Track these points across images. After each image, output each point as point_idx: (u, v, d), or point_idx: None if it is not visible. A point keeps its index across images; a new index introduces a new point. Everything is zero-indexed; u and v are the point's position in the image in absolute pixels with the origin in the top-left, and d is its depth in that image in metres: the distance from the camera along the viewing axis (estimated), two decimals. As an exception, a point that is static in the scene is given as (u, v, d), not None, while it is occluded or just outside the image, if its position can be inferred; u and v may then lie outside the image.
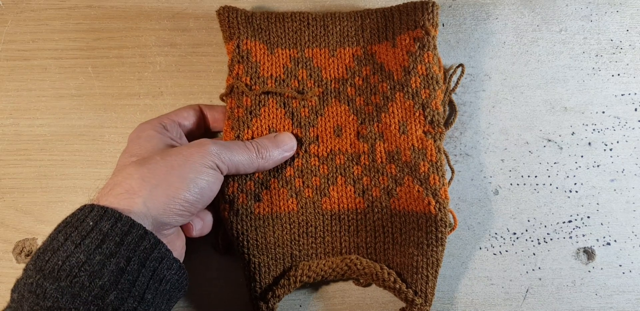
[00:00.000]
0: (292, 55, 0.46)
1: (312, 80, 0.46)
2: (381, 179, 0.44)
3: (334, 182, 0.45)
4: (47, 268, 0.31)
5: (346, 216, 0.44)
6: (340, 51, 0.47)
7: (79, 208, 0.35)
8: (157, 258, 0.34)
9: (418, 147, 0.44)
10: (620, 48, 0.50)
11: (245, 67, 0.45)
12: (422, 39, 0.44)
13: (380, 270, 0.43)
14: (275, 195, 0.44)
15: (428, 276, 0.42)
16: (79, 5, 0.50)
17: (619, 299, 0.47)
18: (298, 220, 0.44)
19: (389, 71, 0.46)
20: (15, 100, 0.49)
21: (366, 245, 0.44)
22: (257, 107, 0.45)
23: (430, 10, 0.44)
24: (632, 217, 0.48)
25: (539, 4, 0.50)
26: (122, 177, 0.37)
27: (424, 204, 0.42)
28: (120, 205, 0.35)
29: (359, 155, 0.45)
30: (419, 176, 0.43)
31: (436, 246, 0.42)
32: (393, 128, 0.44)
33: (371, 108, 0.45)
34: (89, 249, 0.32)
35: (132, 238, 0.33)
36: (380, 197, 0.44)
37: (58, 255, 0.32)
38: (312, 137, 0.45)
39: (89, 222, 0.33)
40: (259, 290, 0.42)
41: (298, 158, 0.45)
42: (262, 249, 0.43)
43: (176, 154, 0.38)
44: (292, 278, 0.43)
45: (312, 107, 0.46)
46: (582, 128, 0.49)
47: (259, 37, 0.46)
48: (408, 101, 0.44)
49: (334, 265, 0.44)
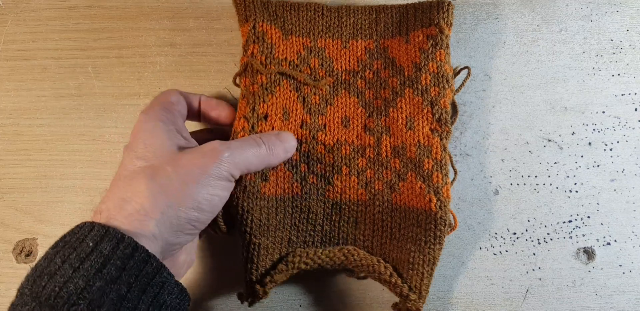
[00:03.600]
0: (305, 43, 0.46)
1: (323, 70, 0.46)
2: (385, 173, 0.44)
3: (338, 171, 0.45)
4: (44, 295, 0.29)
5: (347, 207, 0.44)
6: (353, 43, 0.47)
7: (78, 226, 0.33)
8: (159, 283, 0.33)
9: (424, 143, 0.44)
10: (621, 48, 0.50)
11: (260, 47, 0.45)
12: (435, 36, 0.44)
13: (377, 263, 0.43)
14: (282, 177, 0.44)
15: (424, 273, 0.42)
16: (79, 5, 0.50)
17: (619, 299, 0.47)
18: (301, 205, 0.44)
19: (400, 66, 0.46)
20: (15, 100, 0.49)
21: (364, 237, 0.44)
22: (272, 85, 0.45)
23: (446, 9, 0.45)
24: (632, 217, 0.48)
25: (539, 3, 0.50)
26: (131, 192, 0.34)
27: (425, 201, 0.42)
28: (132, 227, 0.33)
29: (364, 148, 0.45)
30: (422, 173, 0.43)
31: (434, 244, 0.42)
32: (400, 123, 0.45)
33: (380, 102, 0.46)
34: (89, 274, 0.30)
35: (135, 262, 0.32)
36: (382, 190, 0.44)
37: (55, 280, 0.30)
38: (320, 125, 0.45)
39: (88, 243, 0.31)
40: (254, 272, 0.42)
41: (305, 144, 0.45)
42: (264, 231, 0.42)
43: (189, 165, 0.35)
44: (290, 264, 0.42)
45: (323, 95, 0.46)
46: (582, 128, 0.49)
47: (274, 22, 0.46)
48: (417, 97, 0.44)
49: (331, 254, 0.43)
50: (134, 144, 0.37)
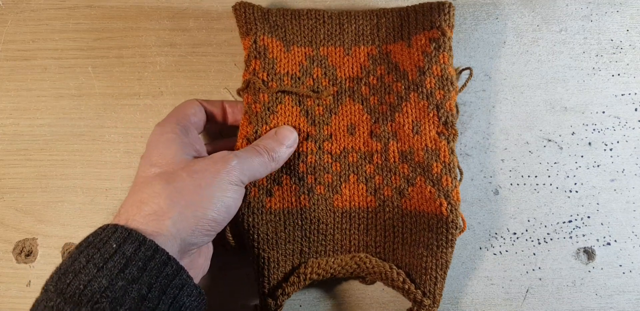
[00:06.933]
0: (308, 53, 0.46)
1: (327, 79, 0.46)
2: (393, 179, 0.44)
3: (346, 179, 0.45)
4: (69, 291, 0.31)
5: (357, 214, 0.44)
6: (355, 50, 0.47)
7: (102, 227, 0.34)
8: (178, 285, 0.34)
9: (431, 147, 0.44)
10: (621, 48, 0.50)
11: (262, 63, 0.45)
12: (438, 39, 0.44)
13: (390, 270, 0.43)
14: (287, 191, 0.44)
15: (437, 277, 0.42)
16: (79, 5, 0.50)
17: (619, 299, 0.47)
18: (309, 216, 0.44)
19: (404, 71, 0.45)
20: (15, 100, 0.49)
21: (375, 244, 0.44)
22: (274, 104, 0.45)
23: (447, 11, 0.44)
24: (632, 217, 0.48)
25: (539, 3, 0.50)
26: (147, 194, 0.36)
27: (435, 205, 0.42)
28: (149, 226, 0.34)
29: (371, 154, 0.45)
30: (431, 177, 0.43)
31: (446, 247, 0.42)
32: (407, 128, 0.44)
33: (385, 107, 0.45)
34: (112, 273, 0.31)
35: (155, 263, 0.33)
36: (391, 196, 0.44)
37: (80, 278, 0.31)
38: (326, 135, 0.45)
39: (112, 244, 0.33)
40: (267, 286, 0.42)
41: (312, 155, 0.45)
42: (272, 244, 0.43)
43: (202, 171, 0.37)
44: (302, 276, 0.43)
45: (327, 105, 0.46)
46: (582, 128, 0.49)
47: (275, 34, 0.46)
48: (422, 101, 0.44)
49: (343, 263, 0.44)
50: (148, 154, 0.40)
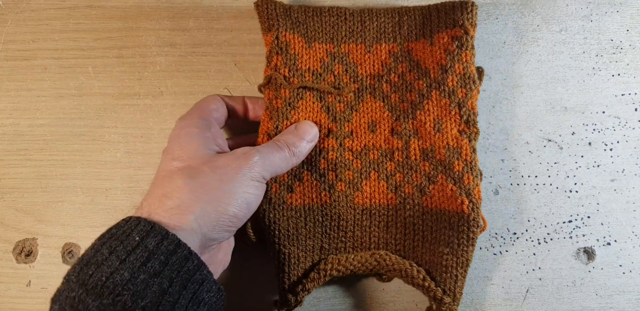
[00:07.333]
0: (329, 49, 0.46)
1: (348, 76, 0.46)
2: (414, 176, 0.44)
3: (367, 176, 0.45)
4: (91, 283, 0.31)
5: (377, 211, 0.44)
6: (377, 47, 0.47)
7: (125, 220, 0.35)
8: (199, 280, 0.34)
9: (453, 145, 0.44)
10: (621, 48, 0.50)
11: (283, 59, 0.45)
12: (460, 38, 0.44)
13: (410, 267, 0.43)
14: (308, 187, 0.44)
15: (457, 275, 0.42)
16: (79, 5, 0.50)
17: (619, 299, 0.47)
18: (330, 213, 0.44)
19: (426, 69, 0.45)
20: (15, 100, 0.49)
21: (395, 241, 0.44)
22: (295, 99, 0.45)
23: (470, 10, 0.44)
24: (632, 217, 0.48)
25: (539, 3, 0.50)
26: (170, 188, 0.36)
27: (457, 203, 0.42)
28: (172, 220, 0.34)
29: (392, 152, 0.45)
30: (452, 175, 0.43)
31: (467, 246, 0.42)
32: (428, 126, 0.44)
33: (406, 105, 0.45)
34: (134, 266, 0.31)
35: (177, 258, 0.33)
36: (412, 194, 0.44)
37: (102, 270, 0.31)
38: (346, 132, 0.45)
39: (134, 237, 0.33)
40: (287, 282, 0.42)
41: (333, 151, 0.45)
42: (293, 240, 0.43)
43: (224, 166, 0.37)
44: (322, 272, 0.43)
45: (348, 102, 0.46)
46: (582, 128, 0.49)
47: (297, 30, 0.46)
48: (444, 99, 0.44)
49: (363, 260, 0.44)
50: (170, 148, 0.40)
